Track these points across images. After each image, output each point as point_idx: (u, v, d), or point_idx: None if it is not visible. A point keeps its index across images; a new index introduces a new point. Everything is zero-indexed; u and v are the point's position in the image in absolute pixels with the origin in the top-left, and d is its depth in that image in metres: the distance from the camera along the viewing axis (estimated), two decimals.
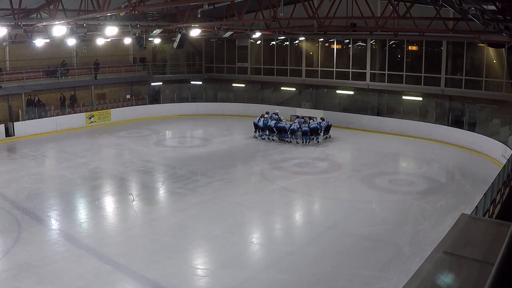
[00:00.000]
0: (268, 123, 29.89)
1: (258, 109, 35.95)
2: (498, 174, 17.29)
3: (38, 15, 24.80)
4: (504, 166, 19.36)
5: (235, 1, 23.27)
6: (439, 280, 4.36)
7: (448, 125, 30.16)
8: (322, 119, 30.99)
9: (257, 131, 30.63)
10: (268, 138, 29.97)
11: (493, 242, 4.92)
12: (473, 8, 10.64)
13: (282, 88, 39.55)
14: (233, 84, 41.86)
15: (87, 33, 26.79)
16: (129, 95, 39.52)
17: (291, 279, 12.87)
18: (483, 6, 11.04)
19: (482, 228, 5.73)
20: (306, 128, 29.06)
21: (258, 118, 30.58)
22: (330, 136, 30.63)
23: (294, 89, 39.38)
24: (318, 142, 29.34)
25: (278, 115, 30.87)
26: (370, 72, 34.77)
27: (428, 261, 4.64)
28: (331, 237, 15.84)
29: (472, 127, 28.52)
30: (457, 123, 29.80)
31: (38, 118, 32.73)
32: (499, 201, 16.10)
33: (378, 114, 34.41)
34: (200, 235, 16.10)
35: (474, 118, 28.94)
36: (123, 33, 27.03)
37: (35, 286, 12.20)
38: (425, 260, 4.68)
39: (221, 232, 16.03)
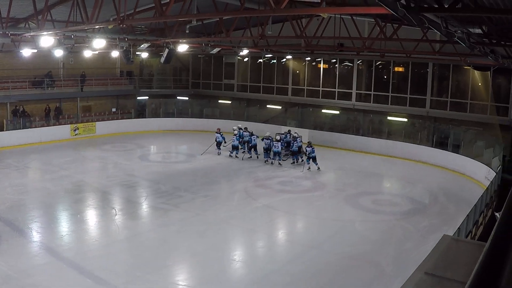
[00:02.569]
0: (253, 142, 29.54)
1: (243, 126, 35.98)
2: (481, 196, 17.45)
3: (27, 25, 24.73)
4: (487, 188, 19.54)
5: (223, 18, 23.35)
6: None
7: (432, 147, 30.33)
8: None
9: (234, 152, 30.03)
10: (250, 157, 29.60)
11: (475, 263, 4.93)
12: (459, 31, 10.77)
13: (268, 106, 39.57)
14: (219, 101, 41.92)
15: (75, 45, 26.71)
16: (114, 109, 39.37)
17: None
18: (469, 29, 11.18)
19: (464, 249, 5.74)
20: (296, 148, 28.54)
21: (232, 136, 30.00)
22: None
23: (280, 107, 39.45)
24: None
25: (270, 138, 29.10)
26: (356, 92, 34.99)
27: (409, 281, 4.63)
28: (314, 256, 15.79)
29: (456, 149, 28.68)
30: (442, 145, 29.98)
31: (23, 128, 32.54)
32: (481, 223, 16.20)
33: (363, 134, 34.53)
34: (182, 251, 16.01)
35: (459, 140, 29.11)
36: (111, 46, 27.04)
37: None
38: (406, 281, 4.68)
39: (204, 248, 15.94)
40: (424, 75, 32.19)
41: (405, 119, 33.09)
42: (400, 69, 33.65)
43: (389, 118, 33.57)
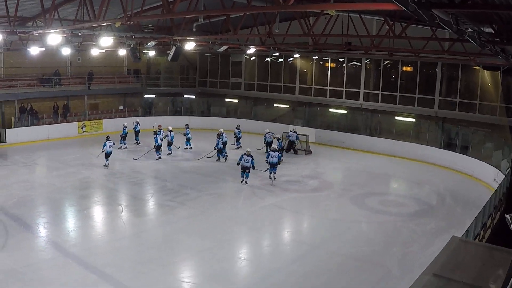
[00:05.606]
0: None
1: (250, 125, 36.01)
2: (490, 198, 17.26)
3: (34, 24, 24.74)
4: (495, 190, 19.33)
5: (230, 16, 23.26)
6: None
7: (440, 148, 30.11)
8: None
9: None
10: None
11: (485, 266, 4.83)
12: (470, 29, 10.65)
13: (275, 104, 39.51)
14: (226, 99, 41.88)
15: (82, 43, 26.73)
16: (122, 107, 39.49)
17: None
18: (480, 27, 11.05)
19: (473, 251, 5.64)
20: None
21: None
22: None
23: (287, 106, 39.34)
24: None
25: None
26: (364, 92, 34.84)
27: (417, 283, 4.56)
28: (318, 256, 15.73)
29: (464, 150, 28.47)
30: (450, 146, 29.78)
31: (31, 126, 32.78)
32: (489, 226, 16.04)
33: (371, 134, 34.39)
34: (187, 248, 15.97)
35: (467, 141, 28.92)
36: (118, 44, 26.95)
37: None
38: (414, 282, 4.60)
39: (209, 246, 15.90)
40: (432, 75, 32.01)
41: (413, 119, 32.89)
42: (409, 68, 33.47)
43: (397, 118, 33.38)
